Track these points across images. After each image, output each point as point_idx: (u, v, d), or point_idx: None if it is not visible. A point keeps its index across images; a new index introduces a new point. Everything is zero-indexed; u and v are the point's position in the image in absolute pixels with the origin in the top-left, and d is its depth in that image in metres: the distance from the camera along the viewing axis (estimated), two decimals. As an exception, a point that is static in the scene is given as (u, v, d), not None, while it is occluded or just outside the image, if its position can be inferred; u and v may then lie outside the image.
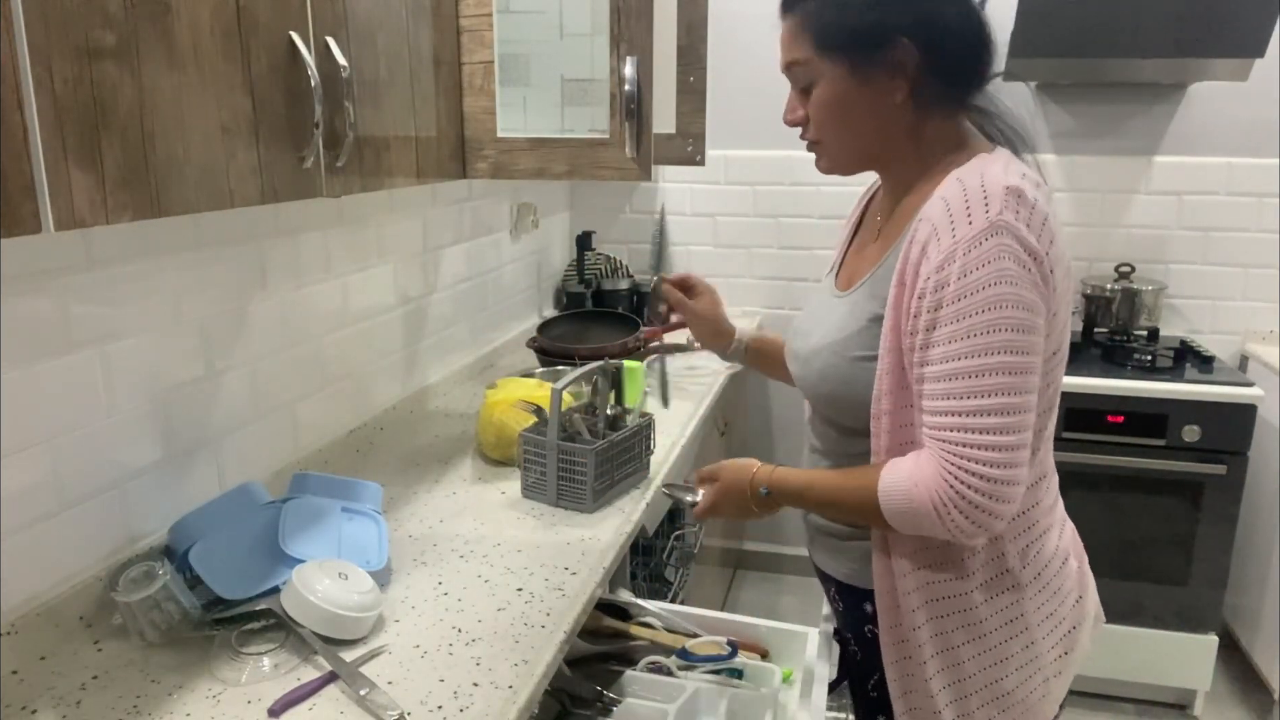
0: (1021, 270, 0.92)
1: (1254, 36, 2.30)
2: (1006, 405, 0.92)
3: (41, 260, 1.10)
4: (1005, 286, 0.91)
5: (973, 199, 0.94)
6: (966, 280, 0.92)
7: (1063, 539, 1.12)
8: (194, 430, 1.37)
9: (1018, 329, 0.92)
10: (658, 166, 2.85)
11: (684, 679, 1.31)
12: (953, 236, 0.93)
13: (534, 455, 1.56)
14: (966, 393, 0.93)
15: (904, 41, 0.99)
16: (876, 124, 1.05)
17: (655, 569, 1.89)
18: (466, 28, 1.57)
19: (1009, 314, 0.92)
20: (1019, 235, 0.92)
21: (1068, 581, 1.10)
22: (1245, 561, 2.62)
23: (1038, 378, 0.95)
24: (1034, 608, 1.07)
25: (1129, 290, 2.68)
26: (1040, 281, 0.93)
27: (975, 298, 0.92)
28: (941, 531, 0.97)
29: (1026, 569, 1.07)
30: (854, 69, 1.02)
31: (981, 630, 1.07)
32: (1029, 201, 0.94)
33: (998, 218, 0.92)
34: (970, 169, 0.98)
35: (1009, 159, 1.01)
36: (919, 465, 0.98)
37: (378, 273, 1.87)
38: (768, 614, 1.51)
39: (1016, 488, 0.94)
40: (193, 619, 1.16)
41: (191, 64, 0.90)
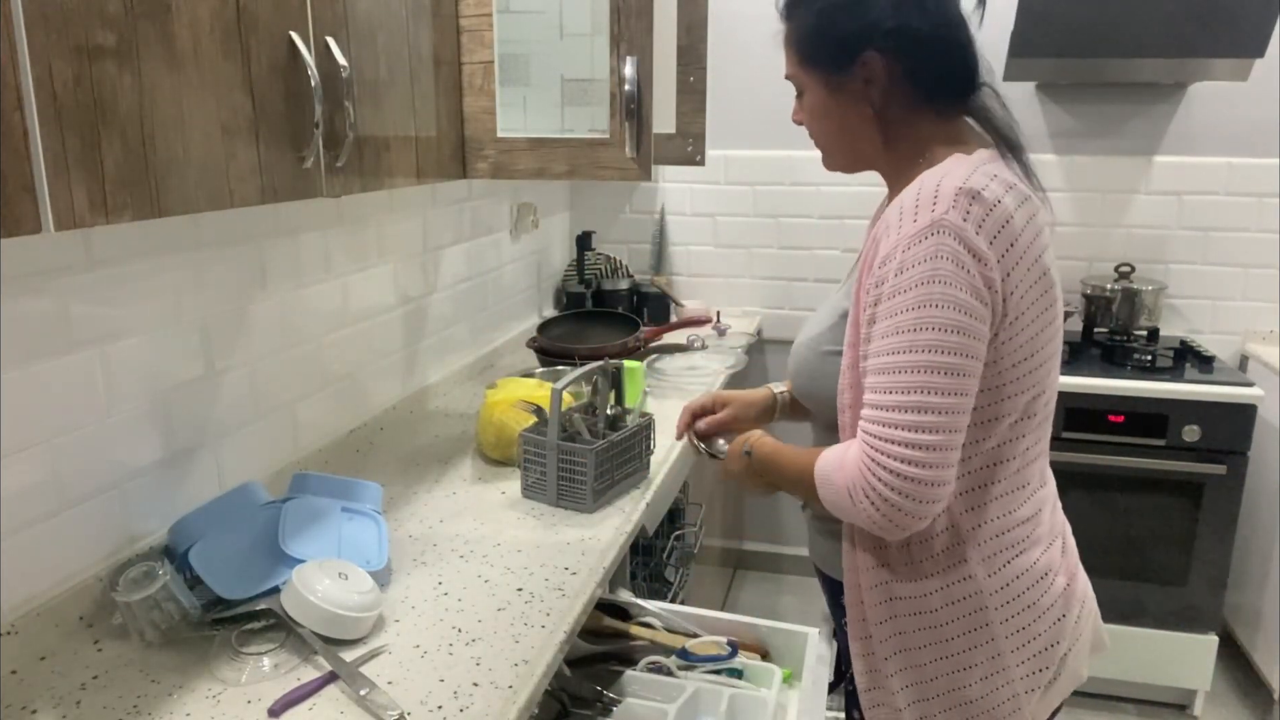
0: (957, 270, 0.92)
1: (1254, 36, 2.30)
2: (925, 404, 0.92)
3: (41, 260, 1.10)
4: (936, 286, 0.92)
5: (923, 199, 0.95)
6: (900, 278, 0.94)
7: (1048, 554, 1.08)
8: (194, 430, 1.37)
9: (946, 329, 0.92)
10: (658, 166, 2.85)
11: (684, 679, 1.31)
12: (898, 233, 0.95)
13: (534, 455, 1.56)
14: (889, 388, 0.94)
15: (872, 53, 1.03)
16: (856, 130, 1.09)
17: (655, 569, 1.89)
18: (466, 28, 1.57)
19: (937, 313, 0.92)
20: (961, 235, 0.92)
21: (1046, 598, 1.07)
22: (1245, 561, 2.62)
23: (971, 379, 0.94)
24: (1000, 618, 1.05)
25: (1129, 290, 2.68)
26: (982, 285, 0.93)
27: (906, 295, 0.93)
28: (860, 521, 0.98)
29: (992, 578, 1.04)
30: (828, 80, 1.08)
31: (942, 635, 1.06)
32: (986, 202, 0.93)
33: (940, 217, 0.92)
34: (937, 169, 0.99)
35: (986, 161, 1.00)
36: (846, 453, 1.00)
37: (378, 273, 1.87)
38: (768, 614, 1.51)
39: (933, 488, 0.93)
40: (193, 619, 1.16)
41: (191, 64, 0.90)
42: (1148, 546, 2.47)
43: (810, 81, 1.09)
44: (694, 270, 3.13)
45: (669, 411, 2.01)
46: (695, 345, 2.63)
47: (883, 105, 1.05)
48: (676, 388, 2.24)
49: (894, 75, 1.03)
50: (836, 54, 1.05)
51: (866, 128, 1.08)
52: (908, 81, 1.04)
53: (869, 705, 1.14)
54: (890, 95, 1.05)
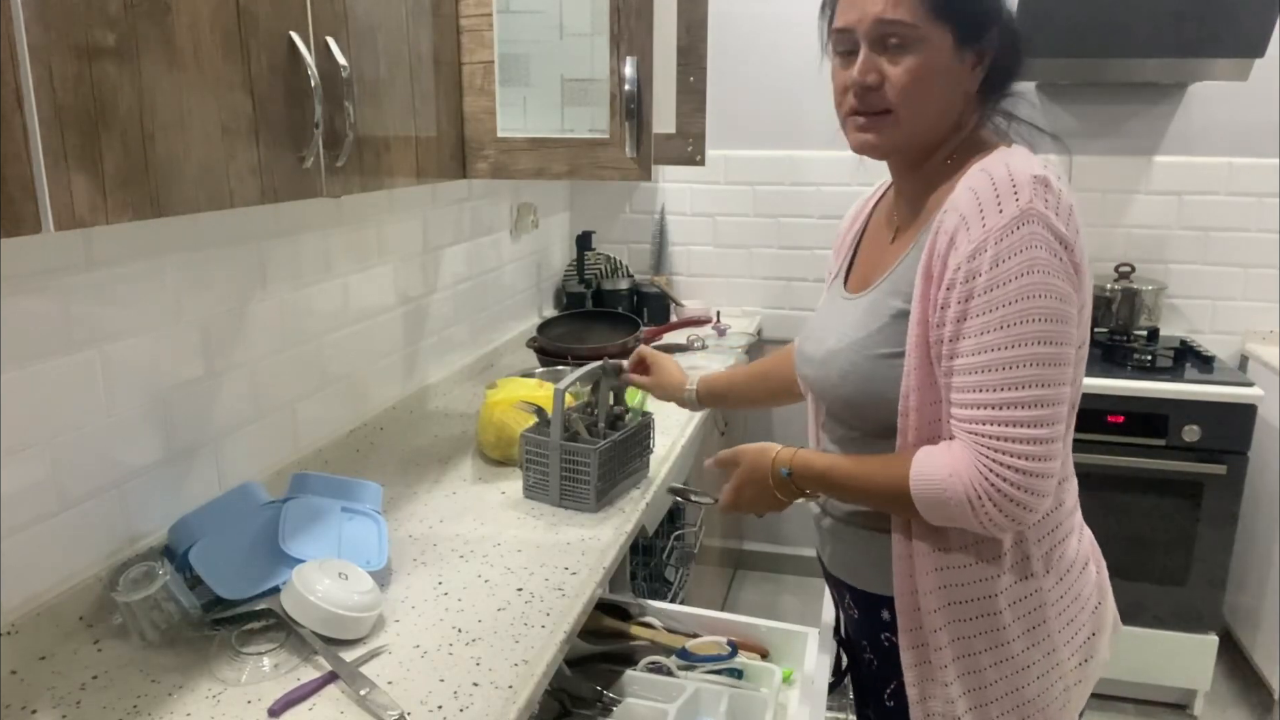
0: (1053, 259, 0.91)
1: (1254, 36, 2.30)
2: (1041, 397, 0.91)
3: (41, 260, 1.10)
4: (1038, 275, 0.91)
5: (1002, 188, 0.93)
6: (998, 270, 0.91)
7: (1082, 544, 1.10)
8: (194, 430, 1.37)
9: (1050, 319, 0.91)
10: (658, 166, 2.84)
11: (684, 679, 1.31)
12: (983, 226, 0.93)
13: (536, 456, 1.56)
14: (1000, 384, 0.92)
15: (996, 30, 1.01)
16: (953, 103, 1.04)
17: (655, 569, 1.89)
18: (466, 28, 1.57)
19: (1042, 303, 0.91)
20: (1049, 223, 0.91)
21: (1087, 587, 1.09)
22: (1245, 561, 2.62)
23: (1071, 369, 0.94)
24: (1055, 614, 1.05)
25: (1129, 290, 2.68)
26: (1071, 271, 0.93)
27: (1008, 287, 0.91)
28: (974, 524, 0.96)
29: (1050, 573, 1.05)
30: (957, 43, 1.00)
31: (1004, 637, 1.04)
32: (1056, 190, 0.94)
33: (1029, 206, 0.92)
34: (994, 160, 0.98)
35: (1028, 153, 1.02)
36: (953, 456, 0.96)
37: (378, 273, 1.87)
38: (768, 614, 1.51)
39: (1050, 480, 0.93)
40: (193, 619, 1.16)
41: (191, 64, 0.90)
42: (1148, 546, 2.47)
43: (932, 37, 0.99)
44: (694, 270, 3.13)
45: (669, 411, 2.02)
46: (695, 345, 2.63)
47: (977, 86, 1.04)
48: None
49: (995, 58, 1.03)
50: (980, 13, 1.00)
51: (957, 102, 1.03)
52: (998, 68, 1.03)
53: (922, 715, 1.10)
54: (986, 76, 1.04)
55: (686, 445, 1.89)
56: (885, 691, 1.18)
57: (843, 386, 1.10)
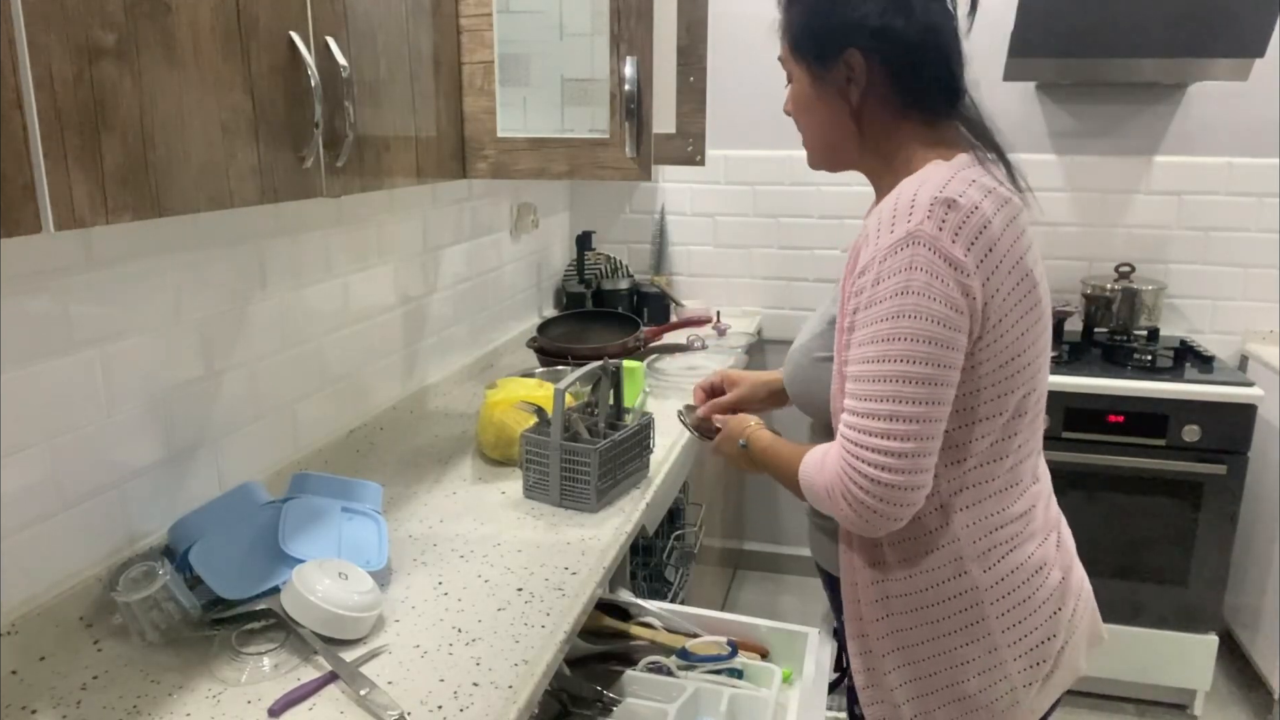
0: (931, 280, 0.93)
1: (1254, 36, 2.30)
2: (897, 412, 0.94)
3: (41, 260, 1.10)
4: (910, 297, 0.94)
5: (900, 209, 0.96)
6: (877, 289, 0.96)
7: (1043, 549, 1.09)
8: (194, 430, 1.37)
9: (918, 339, 0.94)
10: (658, 166, 2.85)
11: (684, 679, 1.31)
12: (876, 244, 0.97)
13: (536, 456, 1.56)
14: (865, 395, 0.97)
15: (854, 52, 1.04)
16: (833, 126, 1.10)
17: (655, 569, 1.89)
18: (466, 28, 1.57)
19: (909, 324, 0.94)
20: (936, 246, 0.93)
21: (1041, 592, 1.08)
22: (1245, 561, 2.62)
23: (945, 388, 0.96)
24: (995, 613, 1.06)
25: (1129, 290, 2.68)
26: (958, 294, 0.94)
27: (881, 306, 0.95)
28: (840, 520, 1.02)
29: (987, 574, 1.05)
30: (812, 73, 1.08)
31: (939, 630, 1.07)
32: (962, 209, 0.94)
33: (915, 228, 0.94)
34: (915, 178, 1.00)
35: (965, 165, 1.01)
36: (826, 455, 1.02)
37: (378, 273, 1.87)
38: (768, 614, 1.51)
39: (906, 493, 0.96)
40: (193, 619, 1.16)
41: (191, 64, 0.90)
42: (1148, 546, 2.47)
43: (797, 71, 1.11)
44: (694, 270, 3.13)
45: (669, 411, 2.02)
46: (695, 345, 2.63)
47: (861, 106, 1.06)
48: (676, 388, 2.24)
49: (875, 77, 1.04)
50: (822, 47, 1.06)
51: (844, 126, 1.09)
52: (890, 84, 1.05)
53: (868, 702, 1.14)
54: (871, 96, 1.06)
55: (686, 445, 1.89)
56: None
57: (793, 385, 1.21)
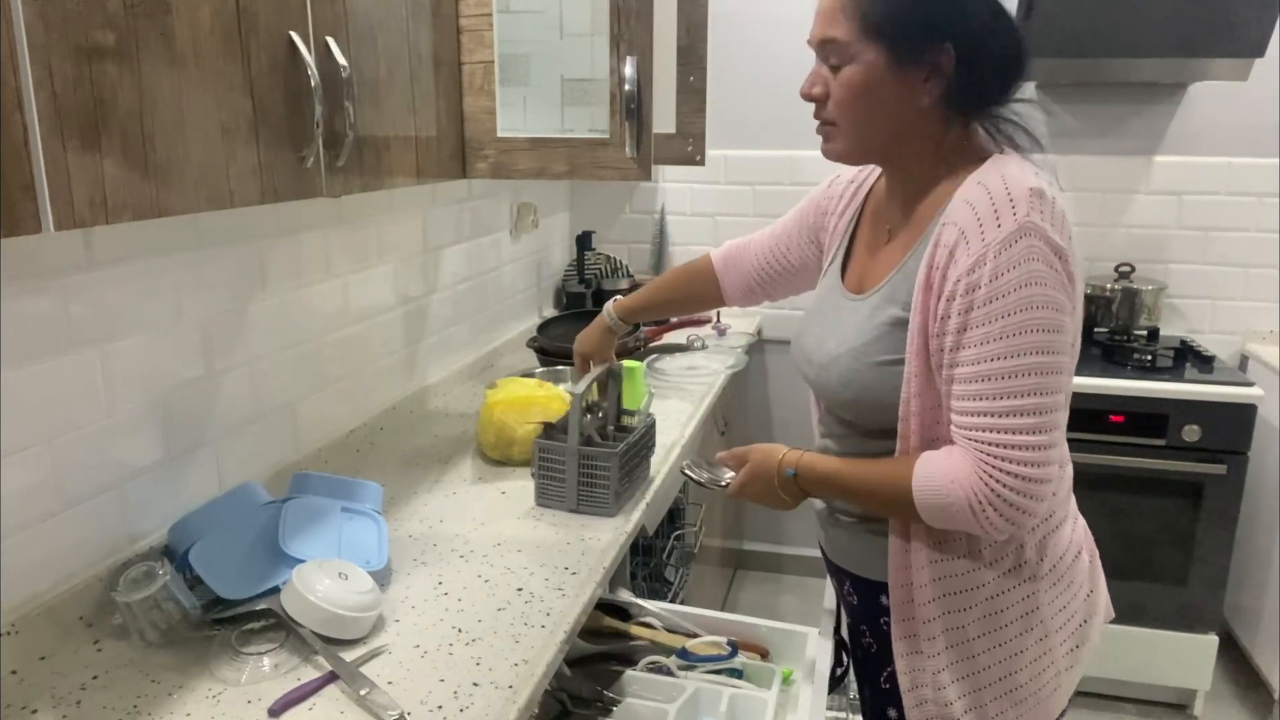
0: (1050, 271, 0.94)
1: (1254, 36, 2.30)
2: (1039, 405, 0.95)
3: (41, 260, 1.10)
4: (1036, 288, 0.94)
5: (999, 202, 0.96)
6: (998, 283, 0.94)
7: (1075, 532, 1.13)
8: (194, 430, 1.37)
9: (1048, 329, 0.94)
10: (658, 166, 2.85)
11: (684, 679, 1.31)
12: (982, 240, 0.95)
13: (552, 462, 1.51)
14: (1000, 393, 0.95)
15: (947, 46, 1.01)
16: (898, 120, 1.05)
17: (655, 569, 1.89)
18: (466, 28, 1.57)
19: (1040, 315, 0.94)
20: (1046, 236, 0.94)
21: (1079, 575, 1.12)
22: (1245, 561, 2.62)
23: (1068, 376, 0.98)
24: (1048, 600, 1.08)
25: (1129, 290, 2.68)
26: (1067, 280, 0.96)
27: (1007, 299, 0.94)
28: (975, 528, 0.99)
29: (1043, 561, 1.08)
30: (893, 60, 1.02)
31: (998, 622, 1.08)
32: (1049, 200, 0.97)
33: (1026, 220, 0.94)
34: (988, 171, 1.00)
35: (1022, 160, 1.04)
36: (953, 463, 0.99)
37: (378, 273, 1.87)
38: (768, 614, 1.51)
39: (1048, 485, 0.97)
40: (193, 619, 1.16)
41: (191, 64, 0.90)
42: (1148, 546, 2.47)
43: (869, 53, 1.02)
44: (694, 270, 3.12)
45: (669, 411, 2.02)
46: (695, 345, 2.63)
47: (933, 101, 1.03)
48: (676, 388, 2.23)
49: (956, 75, 1.02)
50: (916, 34, 1.01)
51: (911, 117, 1.04)
52: (963, 84, 1.03)
53: (914, 704, 1.13)
54: (949, 91, 1.03)
55: (686, 445, 1.89)
56: (882, 675, 1.22)
57: (844, 392, 1.13)
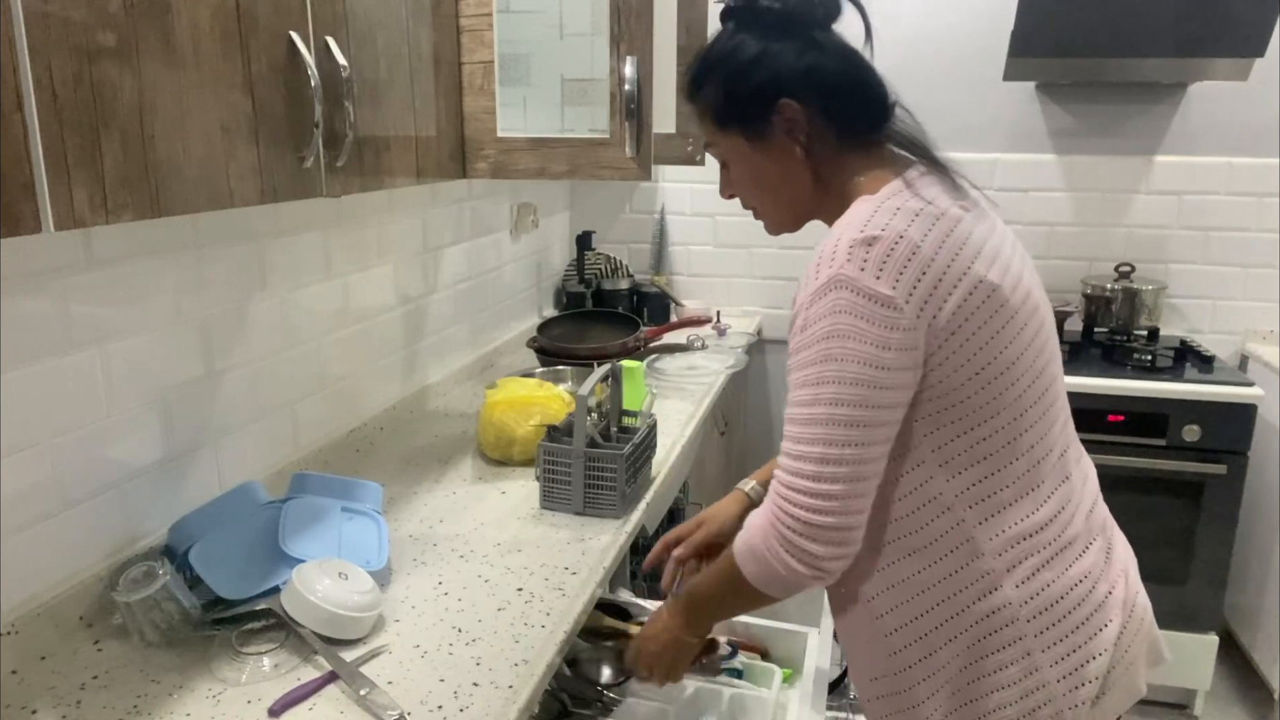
0: (856, 321, 0.94)
1: (1254, 36, 2.30)
2: (827, 455, 0.95)
3: (41, 260, 1.10)
4: (835, 341, 0.94)
5: (823, 256, 0.97)
6: (804, 335, 0.97)
7: (1085, 559, 1.04)
8: (194, 430, 1.37)
9: (844, 382, 0.94)
10: (658, 166, 2.85)
11: (684, 679, 1.31)
12: (805, 292, 0.98)
13: (557, 465, 1.51)
14: (795, 438, 0.97)
15: (786, 102, 1.04)
16: (787, 183, 1.10)
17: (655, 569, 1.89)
18: (466, 28, 1.57)
19: (835, 367, 0.94)
20: (858, 286, 0.94)
21: (1085, 606, 1.02)
22: (1245, 561, 2.62)
23: (876, 428, 0.95)
24: (1034, 632, 1.01)
25: (1129, 290, 2.68)
26: (886, 330, 0.94)
27: (807, 352, 0.96)
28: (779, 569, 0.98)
29: (1020, 589, 1.01)
30: (750, 139, 1.08)
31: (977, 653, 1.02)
32: (885, 242, 0.94)
33: (836, 273, 0.95)
34: (840, 221, 1.01)
35: (889, 195, 1.00)
36: (758, 516, 1.01)
37: (378, 273, 1.87)
38: (768, 614, 1.50)
39: (840, 532, 0.96)
40: (193, 619, 1.16)
41: (191, 64, 0.90)
42: (1148, 547, 2.46)
43: (732, 145, 1.10)
44: (694, 270, 3.13)
45: (669, 411, 2.02)
46: (695, 345, 2.63)
47: (808, 148, 1.07)
48: (676, 388, 2.24)
49: (812, 118, 1.05)
50: (753, 107, 1.06)
51: (797, 175, 1.09)
52: (826, 121, 1.06)
53: None
54: (813, 138, 1.06)
55: (686, 445, 1.89)
56: None
57: None
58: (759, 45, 1.05)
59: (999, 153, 2.79)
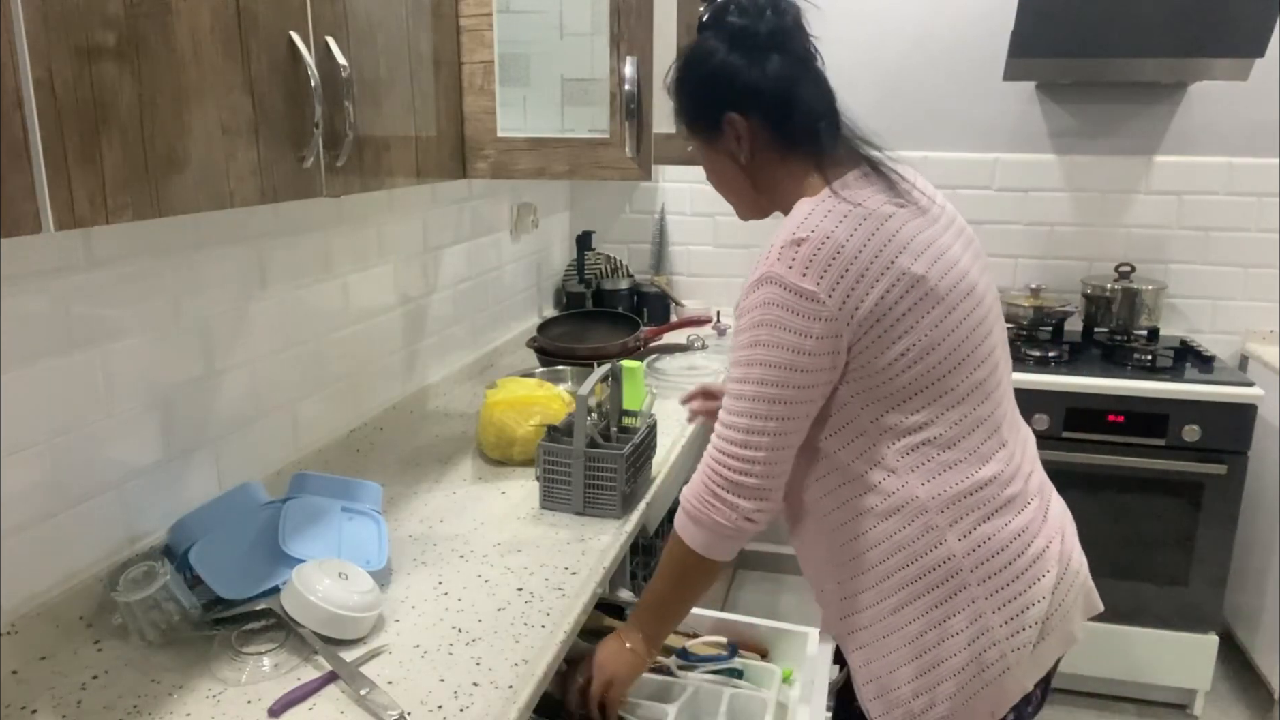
0: (783, 313, 1.06)
1: (1254, 36, 2.30)
2: (752, 426, 1.09)
3: (41, 260, 1.10)
4: (763, 330, 1.08)
5: (762, 255, 1.10)
6: (738, 325, 1.12)
7: (1023, 516, 1.13)
8: (194, 430, 1.37)
9: (770, 365, 1.07)
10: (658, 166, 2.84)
11: (684, 679, 1.31)
12: (744, 287, 1.12)
13: (557, 465, 1.51)
14: (729, 410, 1.12)
15: (732, 115, 1.17)
16: (740, 181, 1.23)
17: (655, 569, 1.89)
18: (466, 28, 1.57)
19: (764, 352, 1.08)
20: (785, 282, 1.06)
21: (1023, 559, 1.11)
22: (1245, 561, 2.62)
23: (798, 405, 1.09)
24: (977, 580, 1.10)
25: (1129, 290, 2.68)
26: (811, 321, 1.06)
27: (742, 337, 1.10)
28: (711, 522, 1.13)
29: (963, 541, 1.10)
30: (707, 145, 1.23)
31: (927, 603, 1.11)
32: (812, 243, 1.06)
33: (767, 271, 1.08)
34: (784, 222, 1.12)
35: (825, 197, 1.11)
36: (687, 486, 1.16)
37: (378, 273, 1.87)
38: (768, 614, 1.51)
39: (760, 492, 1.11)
40: (193, 619, 1.16)
41: (191, 64, 0.90)
42: (1148, 546, 2.47)
43: (695, 142, 1.25)
44: (694, 270, 3.13)
45: (669, 411, 2.02)
46: (695, 345, 2.63)
47: (751, 158, 1.19)
48: (676, 388, 2.23)
49: (758, 130, 1.17)
50: (706, 120, 1.20)
51: (743, 178, 1.22)
52: (772, 132, 1.17)
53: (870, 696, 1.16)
54: (760, 148, 1.18)
55: (686, 445, 1.89)
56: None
57: None
58: (719, 58, 1.17)
59: (999, 153, 2.79)
